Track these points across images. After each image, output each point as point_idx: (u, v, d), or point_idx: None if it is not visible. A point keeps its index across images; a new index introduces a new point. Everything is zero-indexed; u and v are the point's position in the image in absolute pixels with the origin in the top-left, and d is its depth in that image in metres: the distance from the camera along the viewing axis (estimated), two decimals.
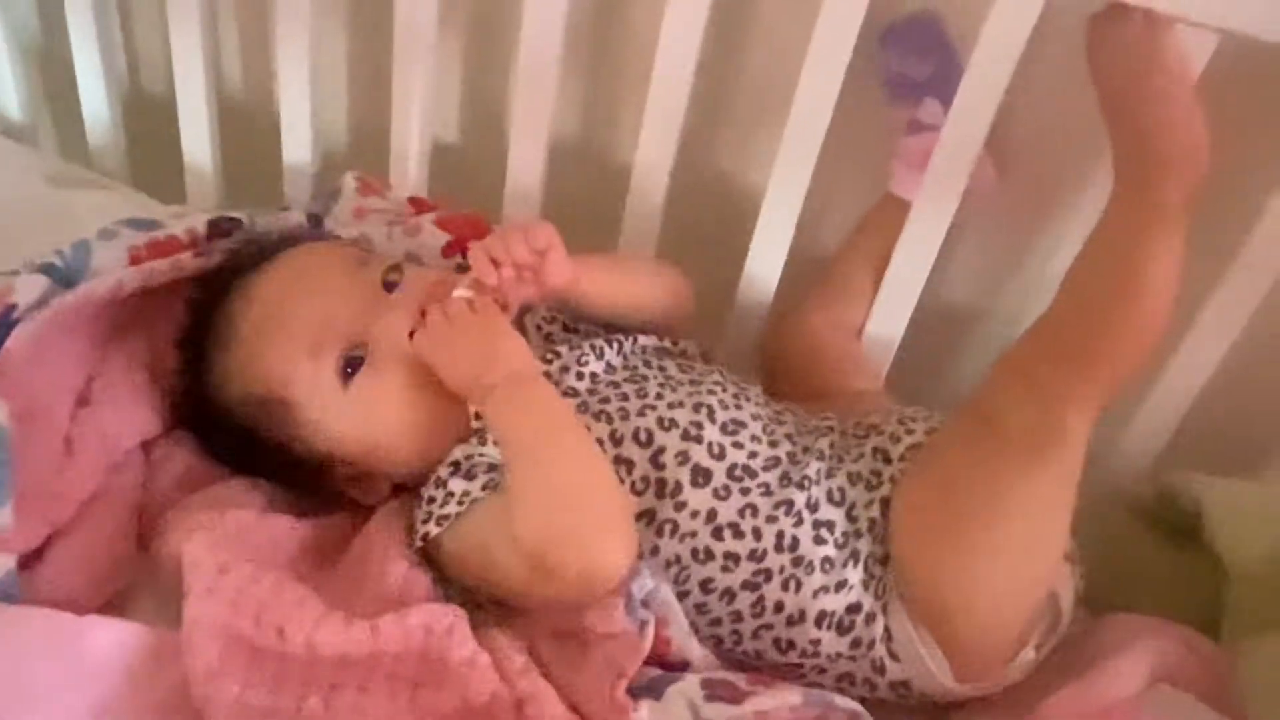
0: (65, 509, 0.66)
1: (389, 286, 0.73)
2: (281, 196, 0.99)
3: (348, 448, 0.71)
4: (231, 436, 0.73)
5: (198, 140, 0.99)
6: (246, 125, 1.05)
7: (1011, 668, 0.68)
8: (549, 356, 0.74)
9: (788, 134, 0.80)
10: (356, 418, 0.70)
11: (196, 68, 0.95)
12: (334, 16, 0.97)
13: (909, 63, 0.82)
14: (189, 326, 0.74)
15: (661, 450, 0.69)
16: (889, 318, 0.84)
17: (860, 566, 0.67)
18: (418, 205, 0.92)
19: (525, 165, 0.90)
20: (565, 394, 0.71)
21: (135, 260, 0.76)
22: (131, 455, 0.73)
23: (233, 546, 0.65)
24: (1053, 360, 0.64)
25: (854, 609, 0.67)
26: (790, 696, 0.63)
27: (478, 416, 0.71)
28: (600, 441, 0.69)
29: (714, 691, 0.62)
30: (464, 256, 0.86)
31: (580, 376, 0.73)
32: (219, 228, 0.82)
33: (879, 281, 0.84)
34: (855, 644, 0.67)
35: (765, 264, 0.86)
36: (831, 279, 0.88)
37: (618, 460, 0.69)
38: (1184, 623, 0.74)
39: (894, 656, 0.67)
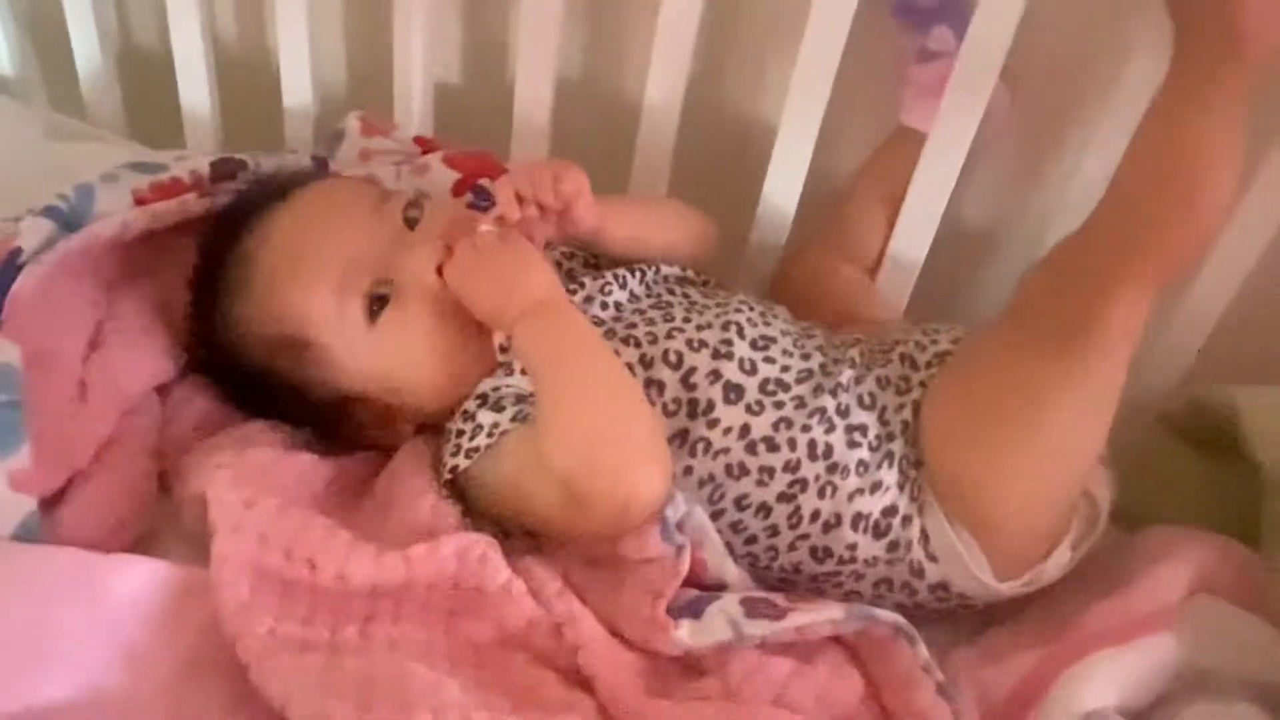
0: (82, 452, 0.65)
1: (410, 223, 0.71)
2: (282, 143, 0.97)
3: (372, 387, 0.70)
4: (249, 380, 0.71)
5: (195, 89, 0.97)
6: (242, 72, 1.03)
7: (1049, 564, 0.67)
8: (572, 287, 0.73)
9: (801, 63, 0.78)
10: (383, 355, 0.69)
11: (191, 15, 0.93)
12: None
13: None
14: (201, 269, 0.73)
15: (692, 370, 0.68)
16: (909, 244, 0.83)
17: (895, 468, 0.67)
18: (424, 144, 0.90)
19: (532, 102, 0.88)
20: (591, 323, 0.70)
21: (140, 202, 0.75)
22: (148, 399, 0.71)
23: (256, 483, 0.63)
24: (1096, 250, 0.62)
25: (890, 511, 0.67)
26: (831, 612, 0.62)
27: (503, 349, 0.70)
28: (630, 367, 0.68)
29: (754, 609, 0.62)
30: (474, 194, 0.85)
31: (605, 305, 0.72)
32: (223, 169, 0.80)
33: (893, 214, 0.83)
34: (892, 547, 0.67)
35: (780, 196, 0.85)
36: (845, 213, 0.87)
37: (648, 384, 0.68)
38: (1221, 533, 0.73)
39: (931, 558, 0.67)
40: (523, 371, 0.69)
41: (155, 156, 0.81)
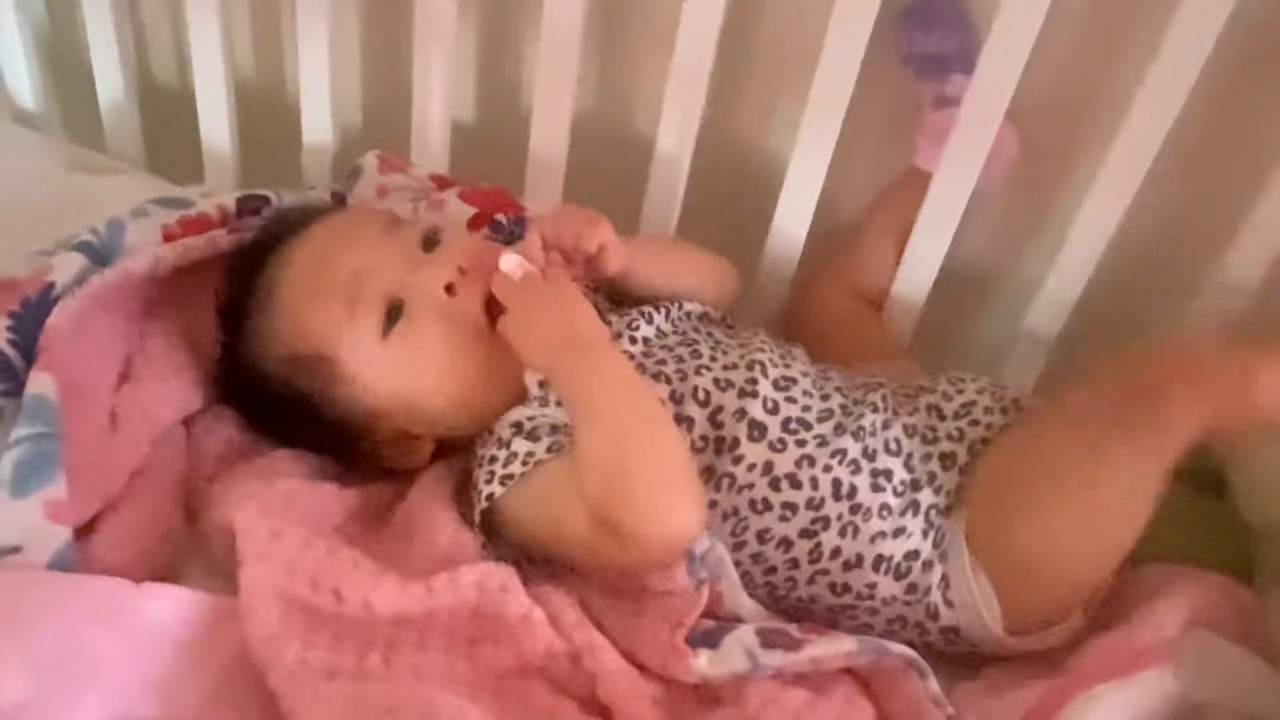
0: (113, 482, 0.66)
1: (428, 246, 0.73)
2: (299, 179, 0.99)
3: (388, 403, 0.71)
4: (272, 403, 0.73)
5: (215, 124, 0.99)
6: (260, 108, 1.05)
7: (1060, 628, 0.69)
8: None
9: (811, 101, 0.81)
10: (394, 370, 0.70)
11: (214, 51, 0.95)
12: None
13: (933, 39, 0.83)
14: (228, 295, 0.75)
15: (720, 409, 0.70)
16: (912, 283, 0.86)
17: (921, 516, 0.68)
18: (440, 181, 0.92)
19: (548, 139, 0.90)
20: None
21: (169, 237, 0.76)
22: (174, 430, 0.73)
23: (282, 513, 0.65)
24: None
25: (912, 556, 0.68)
26: (845, 644, 0.63)
27: (541, 385, 0.72)
28: (660, 402, 0.70)
29: (770, 640, 0.63)
30: (491, 229, 0.87)
31: (634, 341, 0.74)
32: (248, 205, 0.82)
33: (901, 252, 0.86)
34: (911, 589, 0.69)
35: (789, 233, 0.87)
36: (854, 250, 0.90)
37: (677, 419, 0.70)
38: (1217, 571, 0.75)
39: (949, 604, 0.68)
40: (558, 403, 0.70)
41: (181, 192, 0.83)
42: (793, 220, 0.87)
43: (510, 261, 0.70)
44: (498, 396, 0.72)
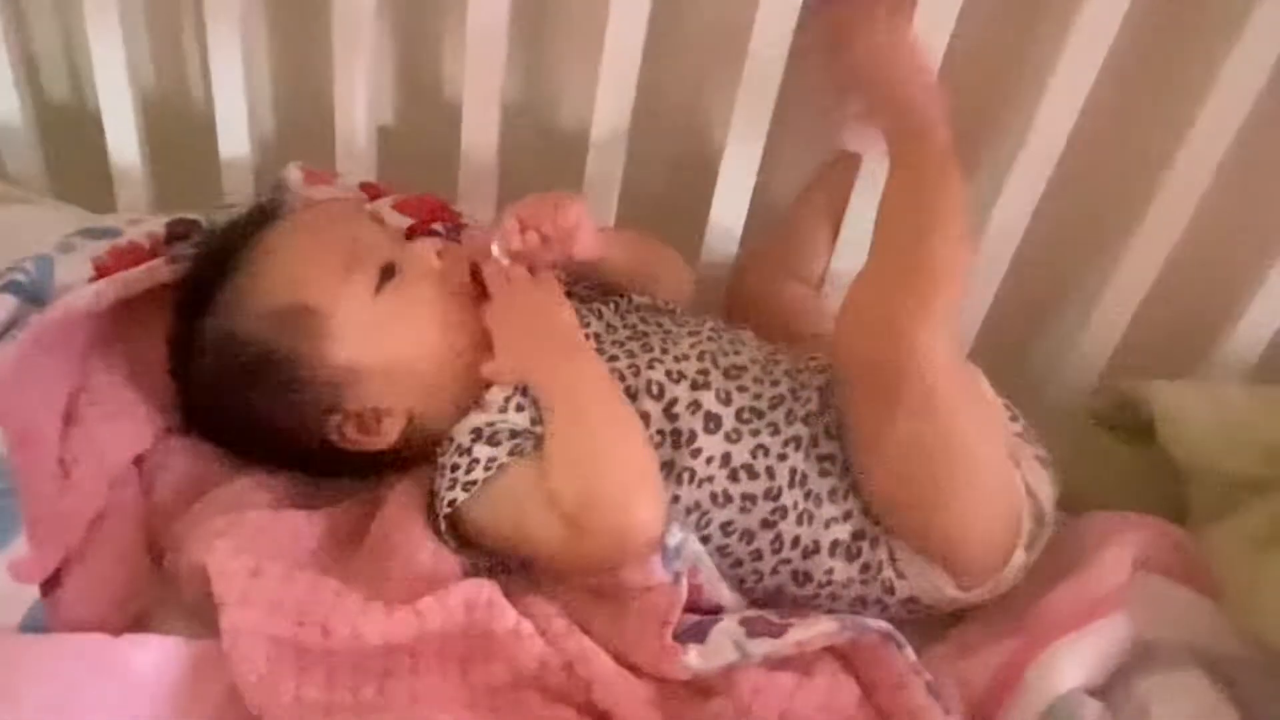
0: (74, 531, 0.64)
1: (410, 236, 0.77)
2: (217, 195, 0.96)
3: (367, 364, 0.70)
4: (237, 377, 0.70)
5: (123, 144, 0.95)
6: (168, 123, 1.01)
7: (1008, 570, 0.72)
8: None
9: (743, 88, 0.82)
10: (382, 327, 0.71)
11: (117, 67, 0.91)
12: (256, 5, 0.94)
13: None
14: (199, 271, 0.74)
15: (674, 401, 0.71)
16: (850, 258, 0.88)
17: (859, 495, 0.71)
18: (371, 190, 0.90)
19: (478, 138, 0.89)
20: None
21: (102, 270, 0.74)
22: (127, 470, 0.70)
23: (256, 548, 0.64)
24: (888, 300, 0.66)
25: (859, 535, 0.71)
26: (826, 625, 0.66)
27: (487, 386, 0.72)
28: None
29: (754, 628, 0.65)
30: (427, 238, 0.86)
31: (585, 338, 0.74)
32: (177, 230, 0.80)
33: (836, 232, 0.88)
34: (865, 568, 0.71)
35: (727, 221, 0.89)
36: (791, 232, 0.91)
37: None
38: (1153, 514, 0.80)
39: (900, 575, 0.71)
40: (517, 409, 0.71)
41: (104, 221, 0.80)
42: (730, 207, 0.88)
43: (497, 246, 0.72)
44: (471, 376, 0.72)
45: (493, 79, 0.86)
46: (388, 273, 0.71)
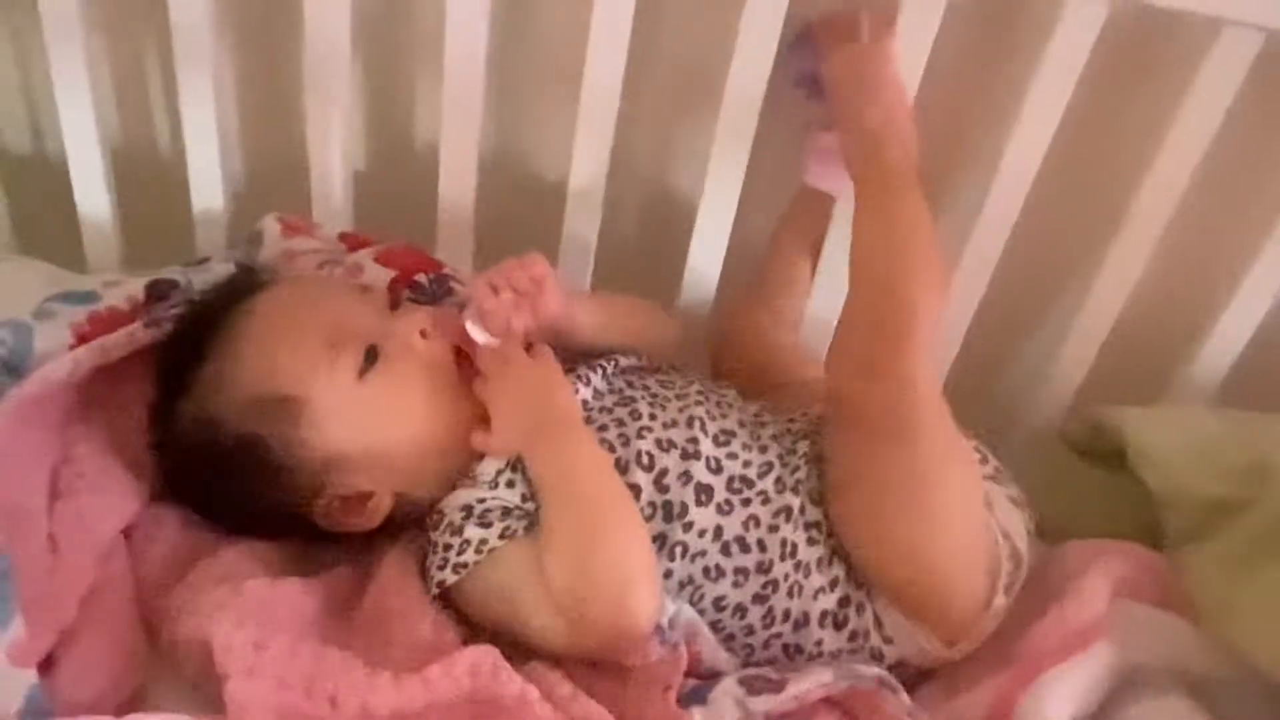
0: (66, 610, 0.63)
1: (393, 305, 0.75)
2: (189, 248, 0.95)
3: (351, 450, 0.70)
4: (221, 461, 0.70)
5: (92, 198, 0.93)
6: (134, 175, 0.99)
7: (988, 617, 0.73)
8: None
9: (718, 135, 0.83)
10: (366, 413, 0.70)
11: (86, 120, 0.89)
12: (225, 54, 0.93)
13: (816, 62, 0.86)
14: (177, 348, 0.73)
15: (664, 472, 0.71)
16: (827, 299, 0.89)
17: (842, 561, 0.72)
18: (350, 241, 0.90)
19: (455, 187, 0.89)
20: None
21: (82, 338, 0.73)
22: (116, 543, 0.69)
23: (257, 620, 0.63)
24: (871, 340, 0.69)
25: (845, 602, 0.71)
26: (822, 676, 0.67)
27: (478, 457, 0.72)
28: None
29: (753, 686, 0.66)
30: (412, 291, 0.86)
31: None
32: (156, 291, 0.79)
33: (812, 270, 0.89)
34: (853, 636, 0.72)
35: (704, 265, 0.89)
36: (769, 274, 0.92)
37: (627, 488, 0.70)
38: (1128, 539, 0.82)
39: (887, 640, 0.72)
40: (508, 485, 0.71)
41: (81, 283, 0.79)
42: (707, 252, 0.89)
43: (475, 329, 0.71)
44: (459, 450, 0.72)
45: (470, 127, 0.86)
46: (371, 356, 0.70)
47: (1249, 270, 0.85)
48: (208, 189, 0.92)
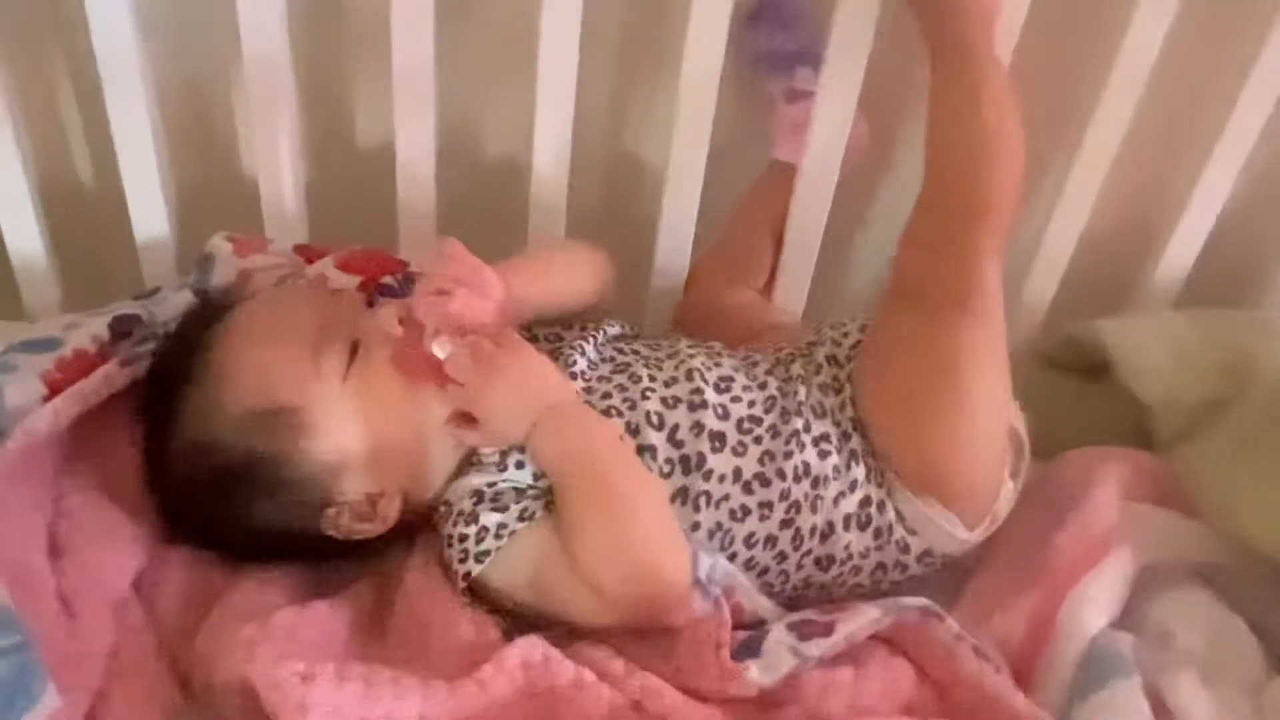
0: (93, 672, 0.60)
1: (369, 303, 0.73)
2: (135, 280, 0.90)
3: (353, 449, 0.68)
4: (225, 487, 0.67)
5: (24, 240, 0.88)
6: (68, 210, 0.94)
7: (1001, 501, 0.75)
8: None
9: (680, 106, 0.82)
10: (359, 410, 0.68)
11: (12, 160, 0.84)
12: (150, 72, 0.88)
13: (778, 38, 0.86)
14: (157, 387, 0.70)
15: (676, 428, 0.71)
16: (796, 271, 0.90)
17: (860, 464, 0.73)
18: (307, 253, 0.86)
19: (413, 180, 0.86)
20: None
21: (53, 386, 0.69)
22: (127, 593, 0.66)
23: (295, 650, 0.61)
24: (946, 223, 0.70)
25: (866, 503, 0.72)
26: (869, 612, 0.67)
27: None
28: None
29: (803, 631, 0.66)
30: (380, 293, 0.83)
31: (573, 378, 0.73)
32: (120, 329, 0.75)
33: (777, 239, 0.90)
34: (878, 533, 0.73)
35: (676, 233, 0.89)
36: (733, 243, 0.92)
37: (640, 450, 0.70)
38: (1116, 446, 0.84)
39: (911, 531, 0.73)
40: (518, 465, 0.70)
41: (39, 331, 0.74)
42: (678, 222, 0.88)
43: (440, 347, 0.68)
44: (451, 450, 0.71)
45: (424, 120, 0.83)
46: (351, 351, 0.69)
47: (1201, 175, 0.88)
48: (149, 216, 0.87)
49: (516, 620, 0.68)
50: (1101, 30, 0.83)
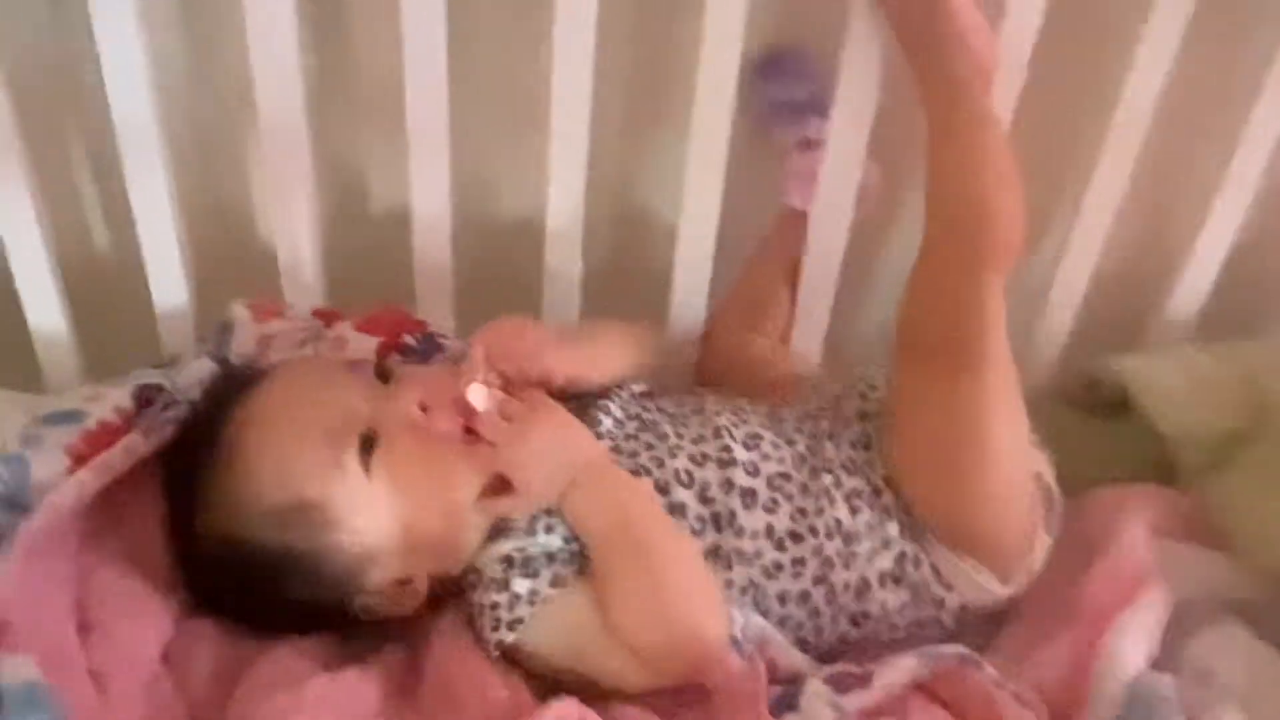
0: None
1: (383, 378, 0.71)
2: (154, 348, 0.90)
3: (383, 540, 0.68)
4: (252, 578, 0.67)
5: (44, 308, 0.88)
6: (87, 281, 0.95)
7: (1036, 554, 0.74)
8: None
9: (691, 151, 0.83)
10: (384, 502, 0.67)
11: (32, 234, 0.85)
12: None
13: (791, 87, 0.87)
14: (177, 481, 0.69)
15: (706, 485, 0.71)
16: (812, 316, 0.91)
17: (894, 520, 0.72)
18: (325, 316, 0.87)
19: (431, 245, 0.87)
20: None
21: (79, 459, 0.68)
22: (155, 666, 0.65)
23: (330, 717, 0.60)
24: (945, 274, 0.70)
25: (901, 559, 0.72)
26: (906, 661, 0.67)
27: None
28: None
29: (840, 683, 0.66)
30: (401, 354, 0.83)
31: (599, 438, 0.73)
32: (142, 397, 0.75)
33: (794, 285, 0.90)
34: (913, 589, 0.72)
35: (691, 286, 0.89)
36: (749, 292, 0.93)
37: (670, 509, 0.70)
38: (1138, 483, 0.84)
39: (947, 587, 0.73)
40: (547, 530, 0.69)
41: (61, 404, 0.74)
42: (693, 274, 0.88)
43: (477, 394, 0.68)
44: (484, 511, 0.70)
45: (439, 182, 0.84)
46: (368, 442, 0.67)
47: (1212, 206, 0.89)
48: (168, 285, 0.88)
49: (548, 682, 0.67)
50: (1109, 65, 0.84)
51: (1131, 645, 0.71)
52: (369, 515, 0.67)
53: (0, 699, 0.55)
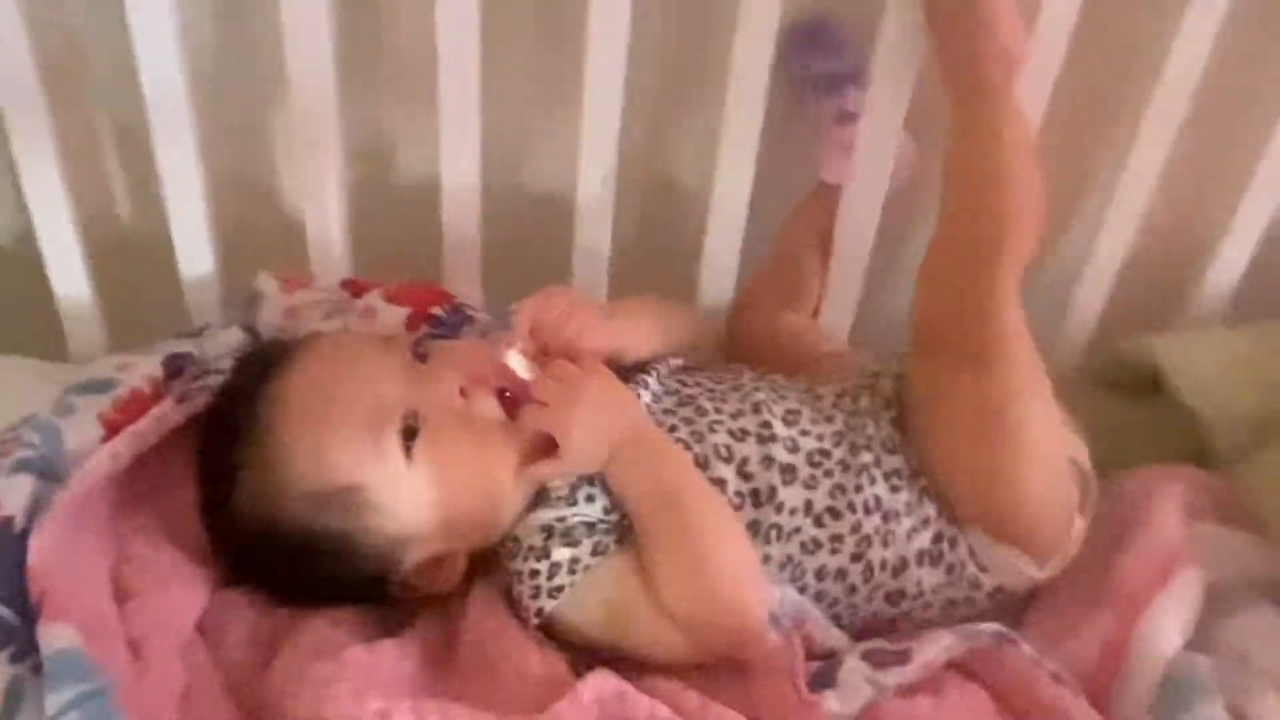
0: (167, 715, 0.59)
1: (420, 358, 0.70)
2: (180, 319, 0.90)
3: (423, 523, 0.67)
4: (291, 557, 0.67)
5: (70, 279, 0.87)
6: (112, 250, 0.94)
7: (1073, 537, 0.74)
8: None
9: (725, 132, 0.82)
10: (426, 487, 0.67)
11: (58, 204, 0.84)
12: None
13: (829, 59, 0.86)
14: (214, 454, 0.68)
15: (745, 460, 0.71)
16: (843, 292, 0.90)
17: (932, 500, 0.72)
18: (353, 287, 0.86)
19: (460, 217, 0.86)
20: None
21: (112, 427, 0.68)
22: (191, 634, 0.65)
23: (371, 688, 0.60)
24: (961, 264, 0.70)
25: (938, 538, 0.72)
26: (943, 639, 0.67)
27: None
28: None
29: (878, 660, 0.66)
30: (430, 326, 0.83)
31: None
32: (172, 367, 0.74)
33: (825, 259, 0.89)
34: (950, 569, 0.72)
35: (721, 261, 0.88)
36: (781, 267, 0.92)
37: (711, 483, 0.69)
38: (1171, 464, 0.83)
39: (983, 569, 0.72)
40: (588, 499, 0.69)
41: (94, 371, 0.74)
42: (723, 249, 0.88)
43: (516, 360, 0.68)
44: (521, 486, 0.69)
45: (470, 153, 0.83)
46: (410, 430, 0.66)
47: (1248, 186, 0.88)
48: (195, 256, 0.87)
49: (584, 655, 0.67)
50: (1147, 44, 0.83)
51: (1168, 627, 0.71)
52: (409, 500, 0.67)
53: (43, 668, 0.55)
